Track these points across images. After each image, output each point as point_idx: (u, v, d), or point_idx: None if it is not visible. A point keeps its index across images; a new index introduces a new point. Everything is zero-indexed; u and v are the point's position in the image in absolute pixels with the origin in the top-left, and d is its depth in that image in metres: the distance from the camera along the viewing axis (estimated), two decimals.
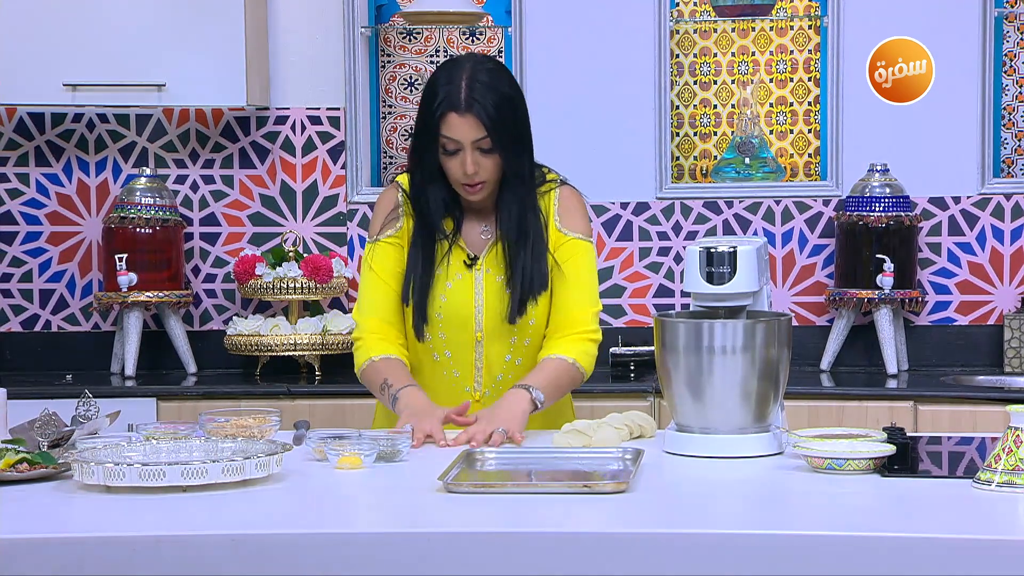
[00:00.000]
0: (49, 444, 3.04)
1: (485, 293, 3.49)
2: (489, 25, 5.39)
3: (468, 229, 3.53)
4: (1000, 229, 5.26)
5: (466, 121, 3.37)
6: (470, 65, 3.43)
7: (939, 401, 4.74)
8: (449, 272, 3.49)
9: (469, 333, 3.49)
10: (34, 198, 5.38)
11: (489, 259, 3.50)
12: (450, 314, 3.48)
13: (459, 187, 3.45)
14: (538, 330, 3.51)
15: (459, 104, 3.37)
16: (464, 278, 3.49)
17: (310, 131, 5.36)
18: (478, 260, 3.50)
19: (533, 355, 3.51)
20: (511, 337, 3.50)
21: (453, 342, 3.50)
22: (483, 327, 3.49)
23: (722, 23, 5.39)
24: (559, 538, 2.50)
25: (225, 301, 5.40)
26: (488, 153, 3.40)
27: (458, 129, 3.38)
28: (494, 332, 3.49)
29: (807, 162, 5.39)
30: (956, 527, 2.52)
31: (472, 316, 3.48)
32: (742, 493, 2.88)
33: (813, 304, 5.32)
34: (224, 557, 2.46)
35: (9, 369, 5.32)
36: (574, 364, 3.47)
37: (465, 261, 3.49)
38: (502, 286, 3.48)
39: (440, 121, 3.38)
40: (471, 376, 3.52)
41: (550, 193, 3.53)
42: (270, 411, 3.25)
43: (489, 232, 3.52)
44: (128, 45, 5.02)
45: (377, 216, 3.59)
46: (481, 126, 3.37)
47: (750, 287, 3.16)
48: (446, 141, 3.39)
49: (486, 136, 3.38)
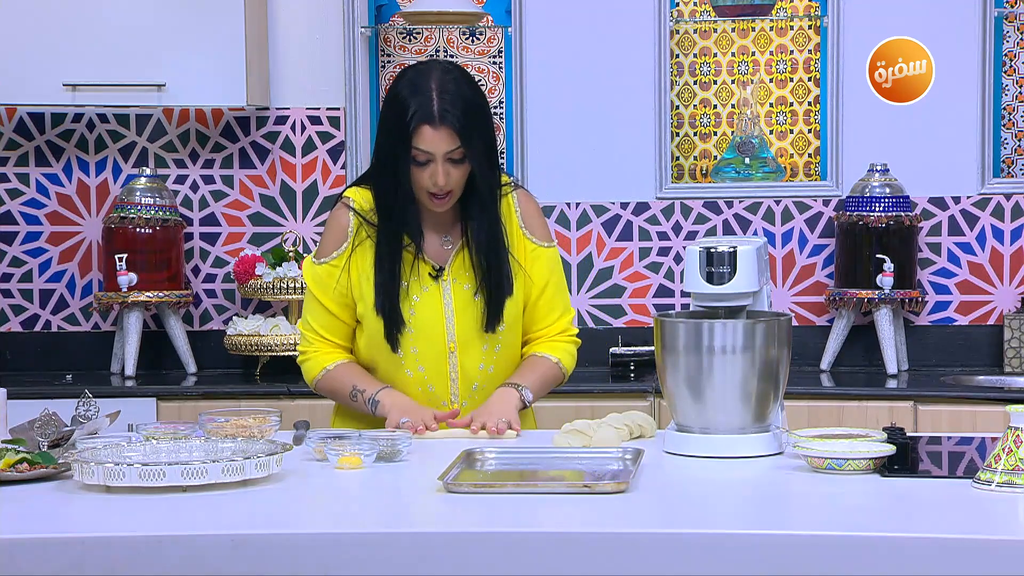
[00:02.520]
0: (49, 444, 3.04)
1: (454, 303, 3.46)
2: (489, 25, 5.39)
3: (429, 241, 3.48)
4: (1000, 229, 5.26)
5: (439, 133, 3.34)
6: (437, 74, 3.39)
7: (939, 401, 4.74)
8: (417, 285, 3.45)
9: (441, 345, 3.47)
10: (34, 198, 5.39)
11: (455, 269, 3.48)
12: (421, 327, 3.45)
13: (425, 197, 3.41)
14: (508, 338, 3.51)
15: (432, 116, 3.33)
16: (431, 290, 3.46)
17: (310, 131, 5.36)
18: (444, 271, 3.47)
19: (504, 363, 3.52)
20: (483, 346, 3.48)
21: (426, 356, 3.47)
22: (455, 337, 3.46)
23: (722, 23, 5.39)
24: (559, 538, 2.49)
25: (225, 301, 5.40)
26: (458, 163, 3.38)
27: (431, 141, 3.34)
28: (467, 342, 3.47)
29: (807, 162, 5.39)
30: (956, 527, 2.52)
31: (443, 327, 3.46)
32: (742, 493, 2.88)
33: (813, 304, 5.32)
34: (224, 557, 2.46)
35: (9, 369, 5.32)
36: (558, 364, 3.53)
37: (430, 273, 3.46)
38: (470, 295, 3.47)
39: (413, 134, 3.34)
40: (447, 388, 3.49)
41: (507, 197, 3.52)
42: (270, 411, 3.25)
43: (451, 242, 3.49)
44: (128, 45, 5.02)
45: (326, 236, 3.52)
46: (454, 137, 3.34)
47: (750, 287, 3.16)
48: (418, 153, 3.36)
49: (458, 147, 3.36)
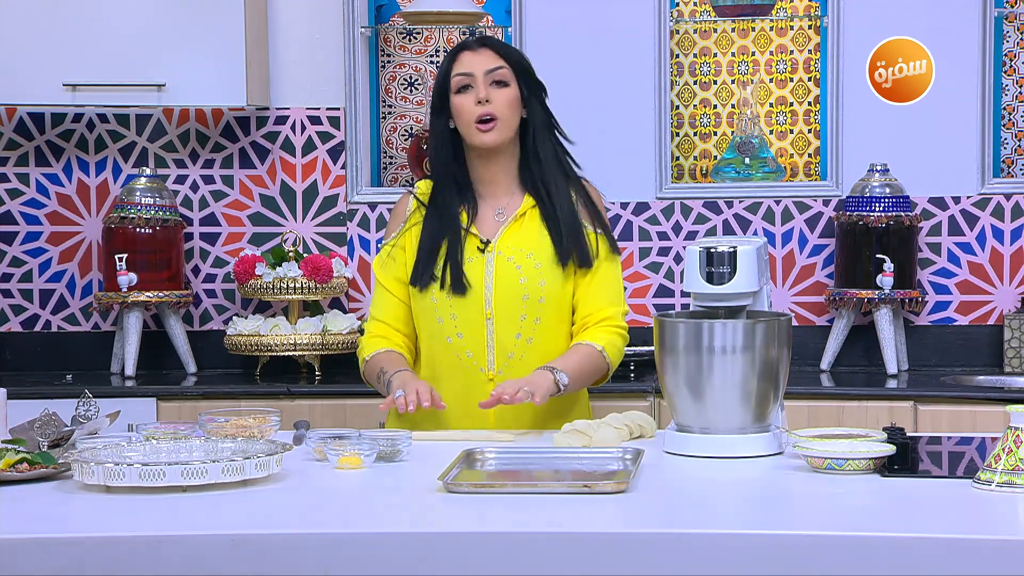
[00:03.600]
0: (49, 444, 3.04)
1: (496, 272, 3.51)
2: (489, 25, 5.39)
3: (483, 214, 3.57)
4: (1000, 229, 5.26)
5: (478, 55, 3.49)
6: (479, 36, 3.58)
7: (939, 401, 4.74)
8: (462, 258, 3.53)
9: (479, 312, 3.51)
10: (34, 198, 5.38)
11: (502, 241, 3.54)
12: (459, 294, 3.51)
13: (472, 130, 3.49)
14: (548, 310, 3.52)
15: (471, 44, 3.52)
16: (475, 261, 3.52)
17: (310, 131, 5.36)
18: (491, 243, 3.53)
19: (543, 335, 3.53)
20: (520, 315, 3.51)
21: (464, 322, 3.51)
22: (492, 305, 3.50)
23: (722, 23, 5.39)
24: (559, 538, 2.50)
25: (225, 301, 5.40)
26: (502, 86, 3.45)
27: (470, 63, 3.48)
28: (503, 310, 3.51)
29: (807, 162, 5.39)
30: (956, 527, 2.52)
31: (482, 295, 3.50)
32: (742, 493, 2.88)
33: (813, 304, 5.32)
34: (224, 557, 2.46)
35: (9, 369, 5.32)
36: (602, 352, 3.51)
37: (478, 247, 3.53)
38: (512, 266, 3.51)
39: (453, 65, 3.49)
40: (483, 356, 3.52)
41: (580, 182, 3.61)
42: (270, 411, 3.25)
43: (504, 214, 3.55)
44: (128, 45, 5.02)
45: (389, 223, 3.68)
46: (495, 56, 3.49)
47: (750, 287, 3.16)
48: (458, 79, 3.48)
49: (501, 67, 3.47)
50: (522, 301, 3.51)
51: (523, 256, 3.52)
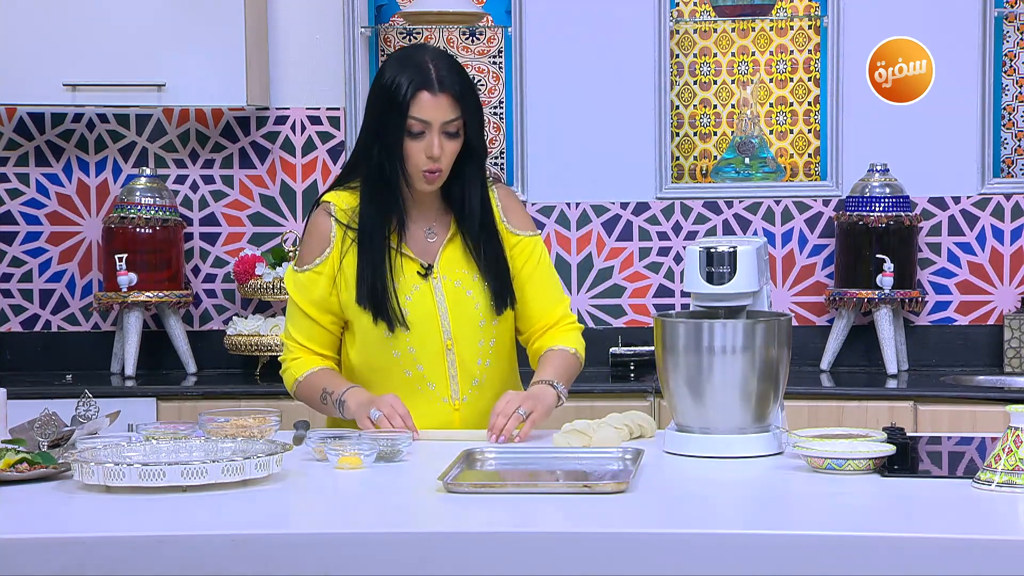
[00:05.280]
0: (49, 444, 3.04)
1: (447, 300, 3.43)
2: (489, 25, 5.39)
3: (413, 233, 3.45)
4: (1000, 229, 5.26)
5: (439, 100, 3.32)
6: (429, 51, 3.40)
7: (939, 401, 4.74)
8: (406, 285, 3.42)
9: (438, 342, 3.44)
10: (34, 198, 5.39)
11: (443, 265, 3.45)
12: (416, 325, 3.41)
13: (418, 175, 3.36)
14: (501, 329, 3.49)
15: (431, 83, 3.31)
16: (422, 288, 3.43)
17: (310, 131, 5.36)
18: (432, 268, 3.45)
19: (500, 356, 3.50)
20: (479, 340, 3.46)
21: (423, 354, 3.43)
22: (451, 334, 3.44)
23: (722, 23, 5.39)
24: (559, 538, 2.49)
25: (225, 301, 5.40)
26: (452, 138, 3.36)
27: (430, 108, 3.31)
28: (463, 338, 3.44)
29: (807, 162, 5.39)
30: (956, 527, 2.52)
31: (439, 325, 3.43)
32: (742, 493, 2.88)
33: (813, 304, 5.32)
34: (224, 557, 2.46)
35: (9, 369, 5.32)
36: (576, 354, 3.51)
37: (419, 272, 3.44)
38: (461, 291, 3.44)
39: (411, 102, 3.31)
40: (446, 386, 3.45)
41: (488, 192, 3.50)
42: (270, 411, 3.25)
43: (435, 233, 3.47)
44: (128, 45, 5.02)
45: (307, 243, 3.47)
46: (454, 106, 3.32)
47: (750, 287, 3.16)
48: (414, 123, 3.32)
49: (457, 118, 3.34)
50: (479, 328, 3.45)
51: (469, 279, 3.45)
